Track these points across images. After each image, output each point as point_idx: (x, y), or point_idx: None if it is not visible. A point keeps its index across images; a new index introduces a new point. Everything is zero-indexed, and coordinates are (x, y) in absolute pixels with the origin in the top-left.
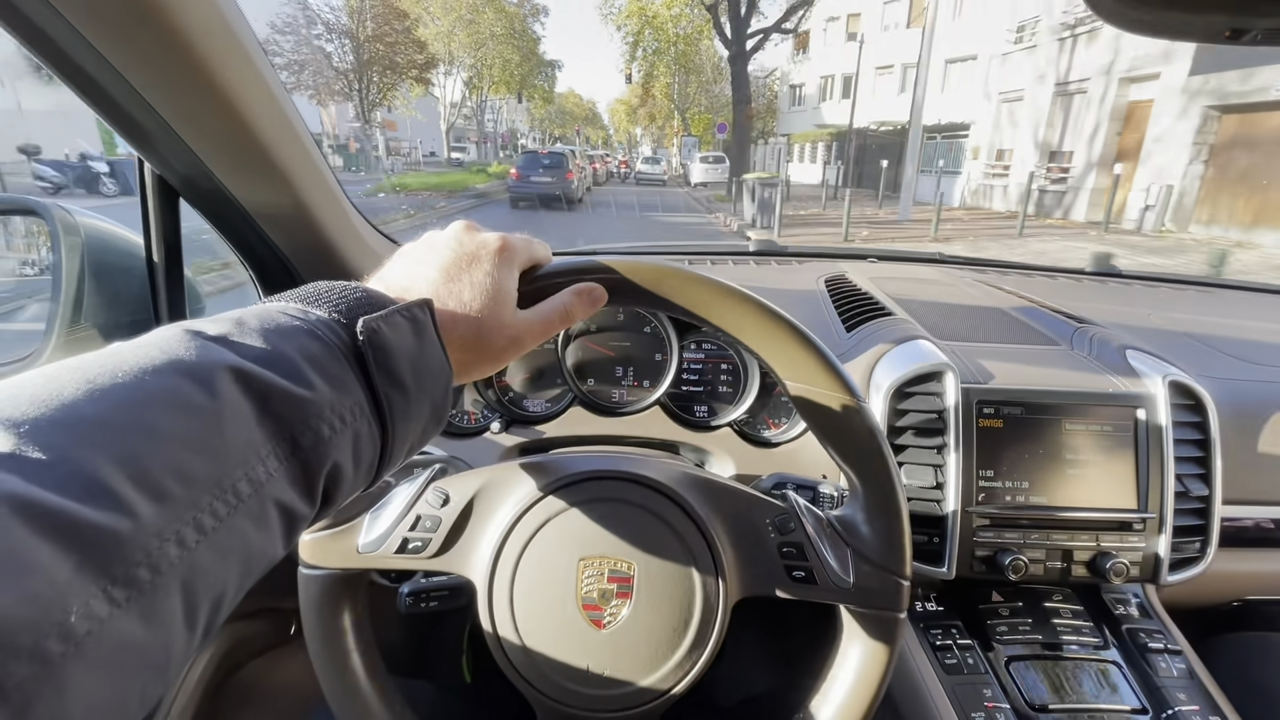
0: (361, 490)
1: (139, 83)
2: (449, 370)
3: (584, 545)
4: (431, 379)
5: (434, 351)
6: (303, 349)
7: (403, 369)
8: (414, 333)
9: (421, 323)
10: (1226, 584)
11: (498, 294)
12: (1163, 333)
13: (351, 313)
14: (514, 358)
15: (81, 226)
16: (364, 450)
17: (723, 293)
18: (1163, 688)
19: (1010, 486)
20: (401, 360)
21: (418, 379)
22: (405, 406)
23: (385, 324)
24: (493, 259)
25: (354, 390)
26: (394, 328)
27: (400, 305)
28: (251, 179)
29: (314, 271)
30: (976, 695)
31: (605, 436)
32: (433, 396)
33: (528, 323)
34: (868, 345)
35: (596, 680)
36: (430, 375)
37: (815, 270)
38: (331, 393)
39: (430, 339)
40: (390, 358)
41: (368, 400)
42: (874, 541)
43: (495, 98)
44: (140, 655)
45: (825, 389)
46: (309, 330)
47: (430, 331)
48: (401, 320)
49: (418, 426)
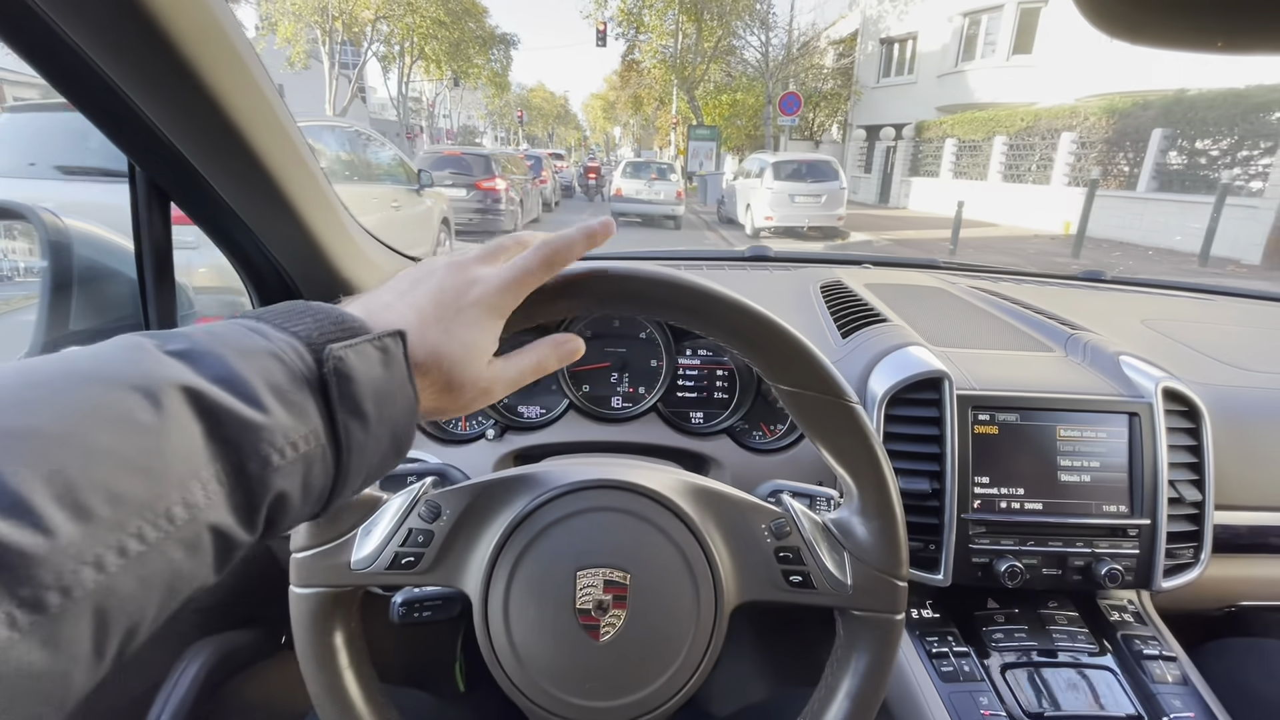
0: (309, 519)
1: (128, 86)
2: (415, 403)
3: (579, 556)
4: (396, 411)
5: (402, 384)
6: (264, 371)
7: (366, 399)
8: (383, 363)
9: (392, 353)
10: (1220, 590)
11: (474, 347)
12: (1156, 339)
13: (322, 337)
14: (481, 407)
15: (70, 230)
16: (315, 479)
17: (710, 296)
18: (1157, 694)
19: (1005, 493)
20: (366, 390)
21: (381, 410)
22: (364, 438)
23: (354, 352)
24: (476, 309)
25: (311, 418)
26: (362, 356)
27: (372, 334)
28: (244, 184)
29: (310, 279)
30: (972, 702)
31: (601, 443)
32: (395, 429)
33: (499, 376)
34: (863, 352)
35: (594, 692)
36: (395, 407)
37: (811, 276)
38: (288, 419)
39: (399, 371)
40: (354, 386)
41: (325, 429)
42: (870, 544)
43: (424, 79)
44: (37, 685)
45: (816, 390)
46: (274, 352)
47: (400, 363)
48: (372, 350)
49: (375, 458)
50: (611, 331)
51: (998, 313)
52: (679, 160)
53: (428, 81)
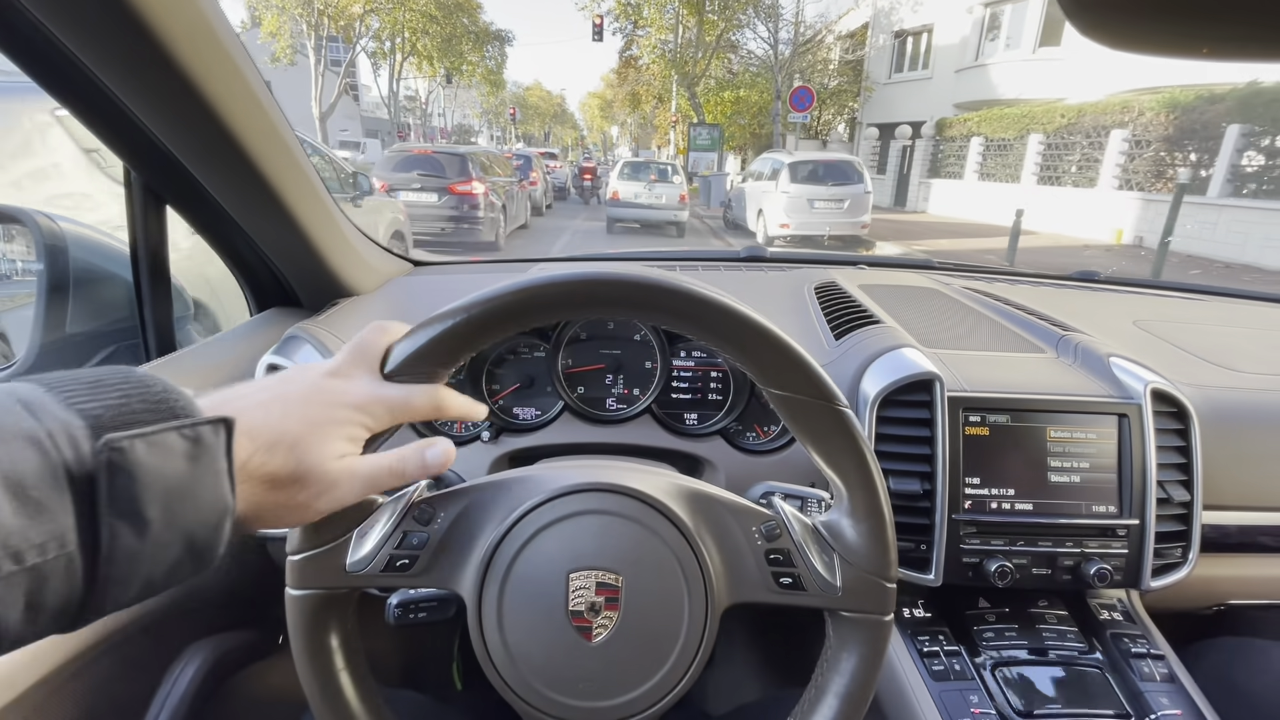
0: (49, 634)
1: (122, 91)
2: (229, 505)
3: (572, 559)
4: (197, 513)
5: (213, 481)
6: (8, 459)
7: (149, 500)
8: (188, 455)
9: (206, 445)
10: (1208, 589)
11: (328, 447)
12: (1147, 339)
13: (117, 420)
14: (331, 510)
15: (66, 234)
16: (49, 594)
17: (700, 301)
18: (1145, 692)
19: (996, 494)
20: (151, 489)
21: (172, 513)
22: (138, 545)
23: (145, 443)
24: (346, 411)
25: (58, 519)
26: (158, 447)
27: (183, 421)
28: (238, 187)
29: (305, 281)
30: (963, 701)
31: (595, 445)
32: (192, 533)
33: (353, 470)
34: (856, 354)
35: (588, 693)
36: (197, 509)
37: (805, 277)
38: (17, 521)
39: (211, 466)
40: (135, 484)
41: (78, 534)
42: (859, 545)
43: (417, 75)
44: None
45: (806, 395)
46: (33, 437)
47: (215, 457)
48: (176, 440)
49: (160, 567)
50: (606, 333)
51: (990, 314)
52: (680, 160)
53: (421, 79)
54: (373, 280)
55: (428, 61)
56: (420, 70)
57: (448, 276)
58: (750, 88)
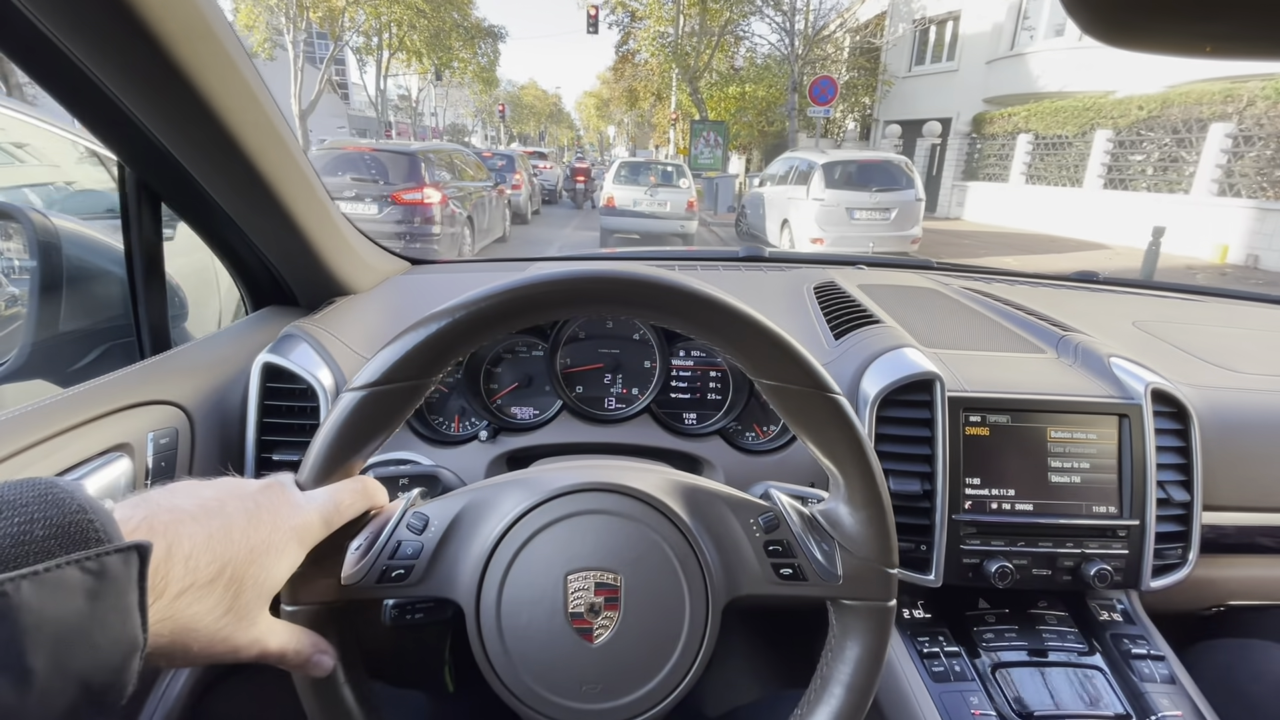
0: None
1: (118, 87)
2: (137, 642)
3: (570, 560)
4: (93, 655)
5: (115, 619)
6: None
7: (33, 647)
8: (89, 593)
9: (112, 578)
10: (1208, 590)
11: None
12: (1147, 340)
13: (5, 554)
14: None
15: (59, 231)
16: None
17: (688, 294)
18: (1146, 693)
19: (996, 494)
20: (38, 634)
21: (61, 658)
22: (17, 699)
23: (36, 583)
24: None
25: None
26: (50, 587)
27: (85, 553)
28: (234, 184)
29: (301, 279)
30: (963, 702)
31: (594, 445)
32: (88, 678)
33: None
34: (855, 353)
35: (590, 695)
36: (93, 651)
37: (804, 277)
38: None
39: (117, 602)
40: (17, 631)
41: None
42: (859, 532)
43: (406, 72)
44: None
45: (798, 384)
46: None
47: (122, 591)
48: (76, 575)
49: (43, 715)
50: (605, 333)
51: (990, 314)
52: (672, 157)
53: (410, 76)
54: (370, 279)
55: (416, 58)
56: (409, 67)
57: (445, 275)
58: (757, 82)
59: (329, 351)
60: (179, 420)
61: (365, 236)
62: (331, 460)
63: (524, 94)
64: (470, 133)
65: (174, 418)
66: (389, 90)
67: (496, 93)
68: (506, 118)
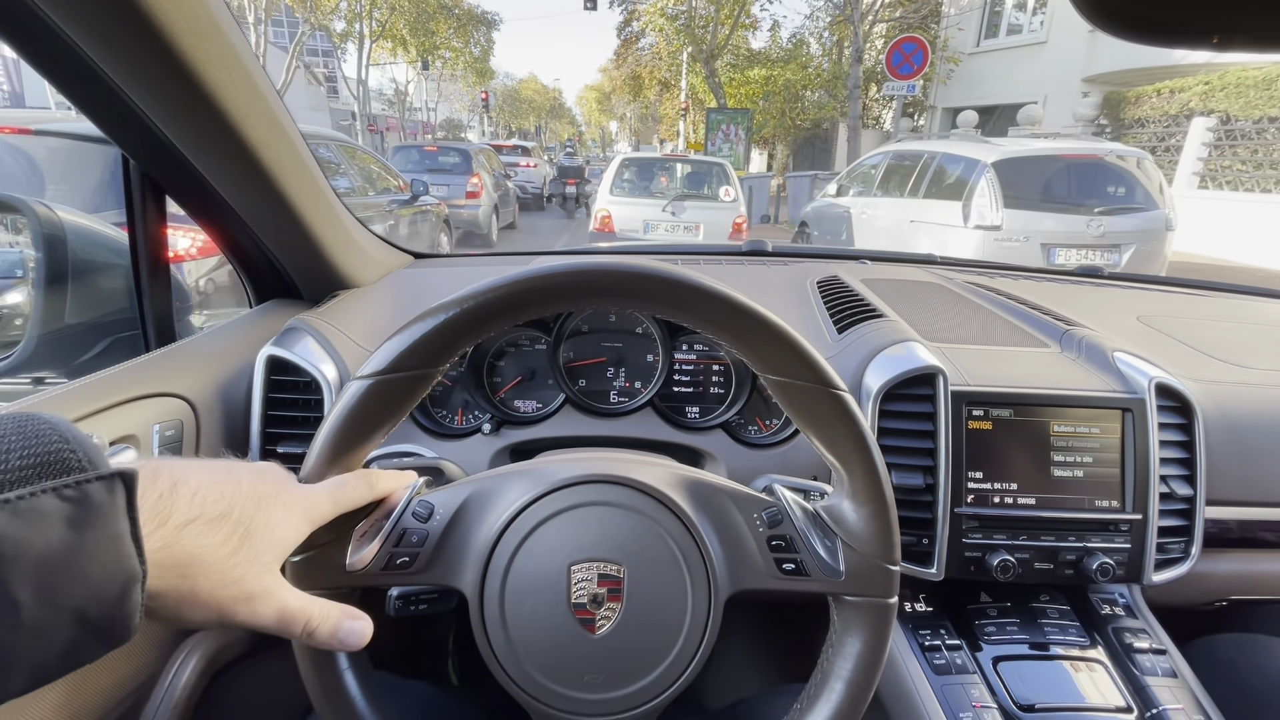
0: None
1: (122, 80)
2: (134, 572)
3: (573, 551)
4: (85, 586)
5: (104, 549)
6: None
7: (15, 576)
8: (69, 522)
9: (94, 506)
10: (1211, 584)
11: (272, 518)
12: (1151, 335)
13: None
14: (240, 621)
15: (64, 223)
16: None
17: (695, 289)
18: (1147, 687)
19: (999, 488)
20: (18, 564)
21: (49, 588)
22: (7, 631)
23: (9, 510)
24: (293, 494)
25: None
26: (25, 515)
27: (61, 481)
28: (238, 177)
29: (305, 273)
30: (964, 695)
31: (596, 438)
32: (83, 610)
33: (273, 594)
34: (859, 348)
35: (593, 685)
36: (84, 581)
37: (807, 271)
38: None
39: (103, 529)
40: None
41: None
42: (862, 529)
43: (391, 61)
44: None
45: (803, 379)
46: None
47: (109, 519)
48: (52, 503)
49: (51, 651)
50: (608, 326)
51: (994, 308)
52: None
53: (395, 65)
54: (373, 272)
55: (402, 45)
56: (394, 55)
57: (448, 270)
58: (786, 63)
59: (333, 344)
60: (184, 413)
61: (368, 230)
62: (338, 448)
63: (523, 88)
64: (466, 128)
65: (179, 410)
66: (379, 83)
67: (492, 85)
68: (491, 106)
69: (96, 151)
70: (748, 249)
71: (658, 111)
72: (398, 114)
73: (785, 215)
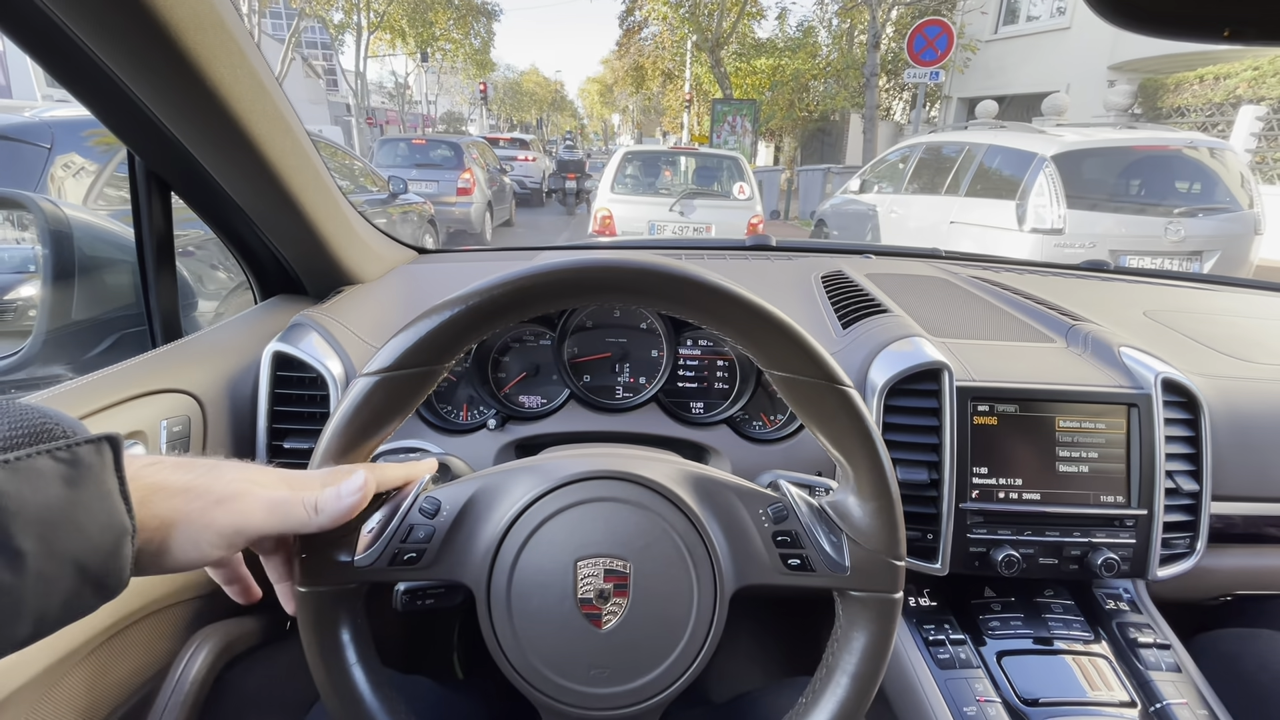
0: None
1: (128, 76)
2: (126, 526)
3: (580, 546)
4: (83, 539)
5: (98, 505)
6: None
7: (20, 529)
8: (65, 480)
9: (86, 466)
10: (1215, 579)
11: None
12: (1158, 330)
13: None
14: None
15: (70, 219)
16: None
17: (701, 285)
18: (1151, 681)
19: (1004, 483)
20: (21, 517)
21: (50, 541)
22: (14, 579)
23: (10, 469)
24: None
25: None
26: (25, 473)
27: (54, 444)
28: (243, 173)
29: (310, 269)
30: (968, 689)
31: (601, 433)
32: (82, 561)
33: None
34: (864, 343)
35: (599, 679)
36: (82, 535)
37: (812, 266)
38: None
39: (95, 487)
40: (1, 514)
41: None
42: (867, 525)
43: (390, 53)
44: None
45: (809, 375)
46: None
47: (100, 478)
48: (47, 463)
49: (52, 601)
50: (612, 321)
51: (999, 303)
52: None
53: (394, 56)
54: (378, 268)
55: (400, 37)
56: (393, 46)
57: (453, 265)
58: (794, 52)
59: (338, 340)
60: (191, 408)
61: (373, 226)
62: (346, 444)
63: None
64: (467, 121)
65: (186, 406)
66: (379, 75)
67: (493, 77)
68: (489, 99)
69: None
70: (752, 244)
71: (661, 103)
72: (397, 107)
73: (796, 211)
